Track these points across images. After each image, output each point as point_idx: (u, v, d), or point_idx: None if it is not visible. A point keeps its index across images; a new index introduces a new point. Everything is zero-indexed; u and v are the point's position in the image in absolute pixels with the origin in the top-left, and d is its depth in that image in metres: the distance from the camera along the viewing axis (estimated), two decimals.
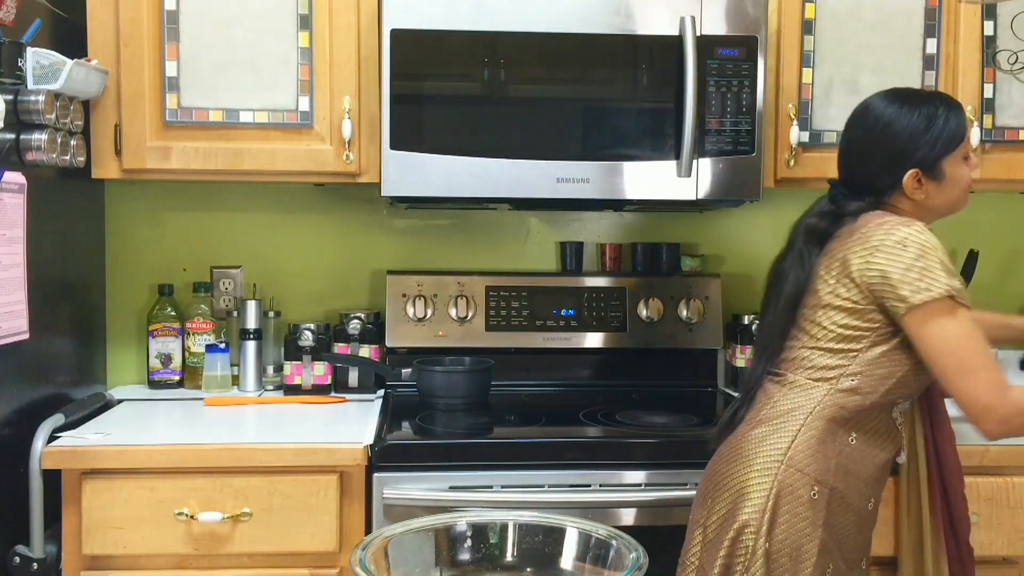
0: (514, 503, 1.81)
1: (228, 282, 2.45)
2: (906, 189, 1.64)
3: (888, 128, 1.66)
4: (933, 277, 1.51)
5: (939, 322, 1.52)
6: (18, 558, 1.77)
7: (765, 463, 1.60)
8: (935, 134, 1.64)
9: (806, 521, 1.57)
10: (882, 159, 1.66)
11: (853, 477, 1.61)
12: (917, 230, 1.55)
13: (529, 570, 1.20)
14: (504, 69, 2.04)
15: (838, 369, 1.60)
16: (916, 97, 1.69)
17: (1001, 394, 1.50)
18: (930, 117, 1.65)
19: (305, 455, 1.83)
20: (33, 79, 1.78)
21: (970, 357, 1.52)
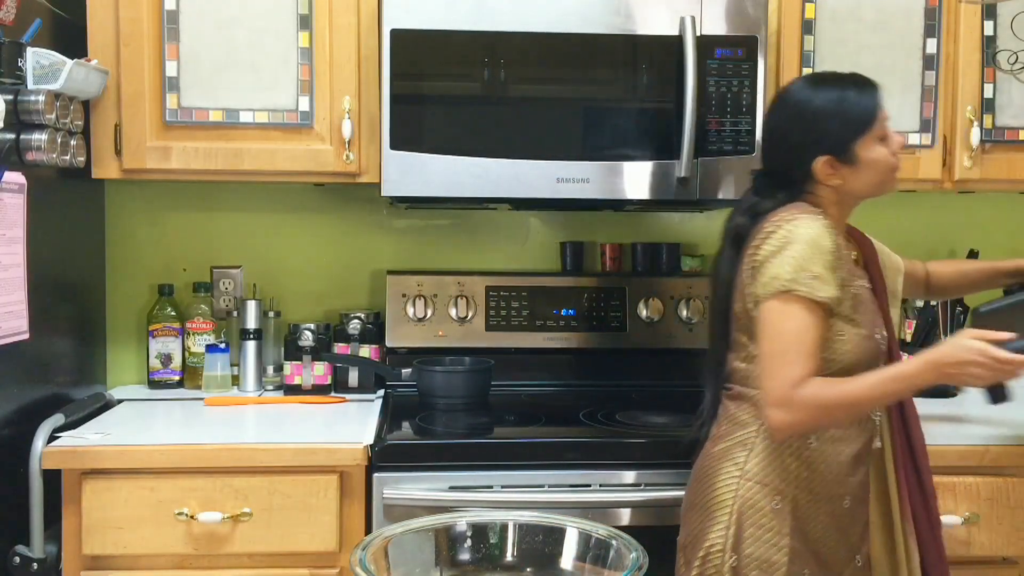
0: (514, 503, 1.81)
1: (228, 282, 2.45)
2: (819, 176, 1.61)
3: (798, 114, 1.64)
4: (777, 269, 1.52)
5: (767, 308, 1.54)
6: (18, 558, 1.77)
7: (725, 480, 1.60)
8: (843, 117, 1.61)
9: (772, 532, 1.56)
10: (794, 146, 1.64)
11: (819, 479, 1.59)
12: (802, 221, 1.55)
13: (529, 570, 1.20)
14: (504, 69, 2.04)
15: None
16: (828, 80, 1.67)
17: (790, 386, 1.50)
18: (838, 100, 1.62)
19: (305, 455, 1.83)
20: (33, 79, 1.78)
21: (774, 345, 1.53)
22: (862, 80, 1.65)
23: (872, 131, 1.61)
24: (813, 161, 1.61)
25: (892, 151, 1.64)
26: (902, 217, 2.59)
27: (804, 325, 1.52)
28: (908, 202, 2.56)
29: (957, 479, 1.89)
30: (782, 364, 1.52)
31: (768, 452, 1.59)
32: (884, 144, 1.63)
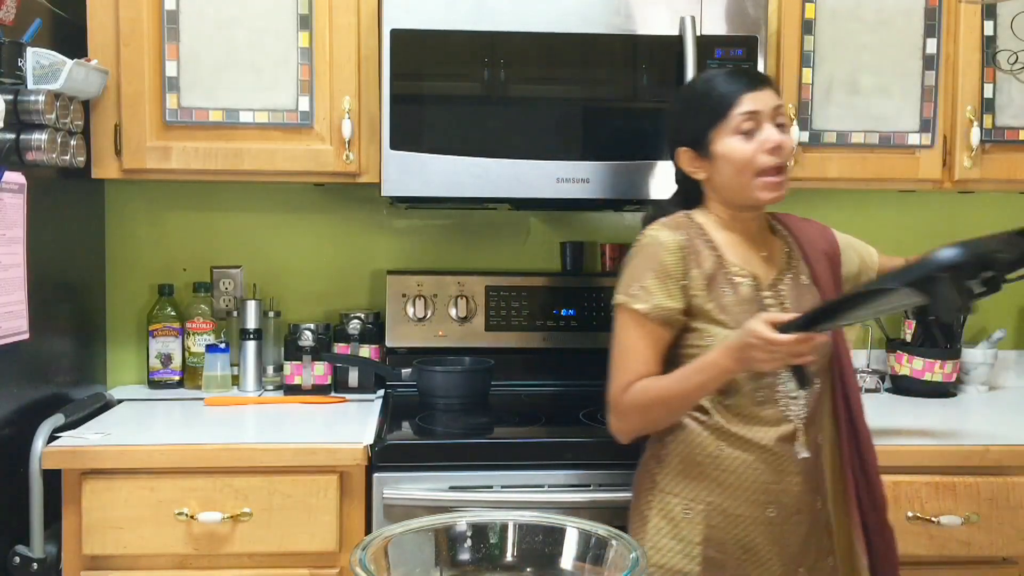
0: (514, 503, 1.81)
1: (228, 282, 2.45)
2: (684, 169, 1.65)
3: (671, 106, 1.70)
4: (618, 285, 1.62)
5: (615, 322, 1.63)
6: (18, 558, 1.77)
7: (644, 492, 1.64)
8: (699, 108, 1.61)
9: (684, 542, 1.57)
10: (667, 139, 1.69)
11: (732, 489, 1.57)
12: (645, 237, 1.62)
13: (529, 570, 1.20)
14: (504, 69, 2.04)
15: None
16: (706, 73, 1.69)
17: (617, 396, 1.60)
18: (700, 91, 1.63)
19: (305, 455, 1.83)
20: (33, 79, 1.78)
21: (613, 359, 1.62)
22: (736, 72, 1.64)
23: (726, 122, 1.57)
24: (676, 153, 1.65)
25: (762, 148, 1.57)
26: (902, 217, 2.59)
27: (632, 335, 1.60)
28: (908, 202, 2.56)
29: (957, 479, 1.89)
30: (615, 372, 1.61)
31: (678, 463, 1.60)
32: (746, 139, 1.57)
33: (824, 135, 2.18)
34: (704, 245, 1.61)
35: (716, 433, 1.58)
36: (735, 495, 1.57)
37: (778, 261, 1.68)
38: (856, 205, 2.57)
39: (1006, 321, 2.62)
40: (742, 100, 1.57)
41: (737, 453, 1.58)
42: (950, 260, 1.33)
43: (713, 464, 1.58)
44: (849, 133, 2.19)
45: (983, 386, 2.51)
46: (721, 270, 1.60)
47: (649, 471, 1.65)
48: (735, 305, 1.59)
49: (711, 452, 1.58)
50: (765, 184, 1.58)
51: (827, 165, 2.20)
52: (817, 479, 1.64)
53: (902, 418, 2.18)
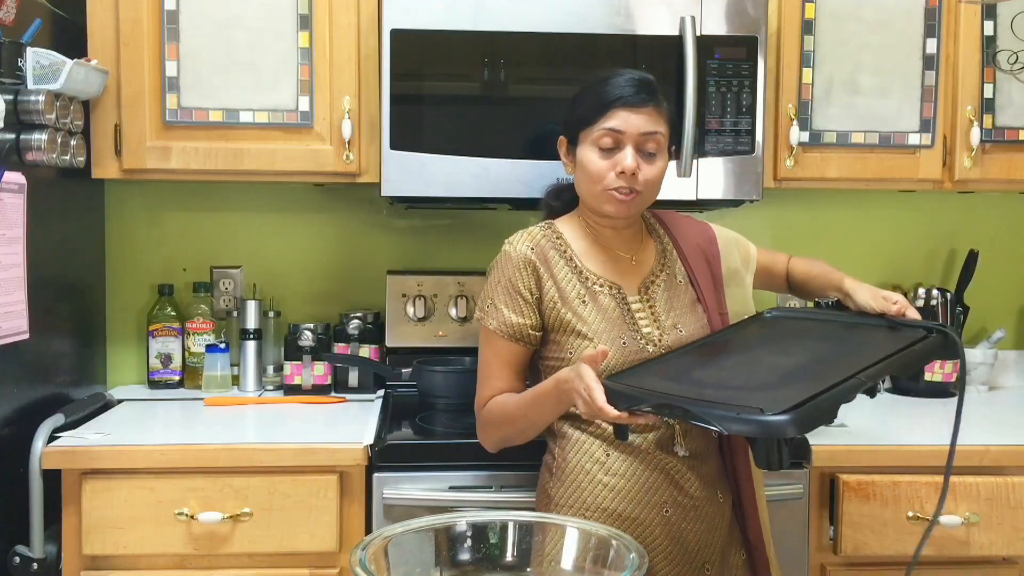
0: (514, 503, 1.81)
1: (228, 282, 2.45)
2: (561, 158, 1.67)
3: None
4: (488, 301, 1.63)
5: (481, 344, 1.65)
6: (18, 558, 1.77)
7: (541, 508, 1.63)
8: (580, 103, 1.60)
9: None
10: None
11: (625, 493, 1.56)
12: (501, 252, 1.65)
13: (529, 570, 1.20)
14: (504, 69, 2.04)
15: None
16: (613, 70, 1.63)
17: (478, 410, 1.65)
18: (589, 88, 1.60)
19: (305, 455, 1.83)
20: (33, 79, 1.79)
21: (478, 372, 1.66)
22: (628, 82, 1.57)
23: (591, 131, 1.57)
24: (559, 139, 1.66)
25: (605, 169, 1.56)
26: (902, 217, 2.59)
27: (488, 350, 1.63)
28: (908, 202, 2.56)
29: (957, 479, 1.89)
30: (478, 385, 1.65)
31: (563, 476, 1.59)
32: (603, 155, 1.56)
33: (824, 135, 2.18)
34: (560, 256, 1.62)
35: (600, 439, 1.58)
36: (628, 498, 1.56)
37: (649, 263, 1.67)
38: (856, 205, 2.57)
39: (1006, 321, 2.62)
40: (612, 115, 1.55)
41: (624, 456, 1.57)
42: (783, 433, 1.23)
43: (603, 470, 1.57)
44: (849, 133, 2.19)
45: (983, 386, 2.51)
46: (579, 281, 1.61)
47: (543, 485, 1.65)
48: (596, 315, 1.58)
49: (599, 458, 1.58)
50: (610, 197, 1.58)
51: (827, 165, 2.20)
52: (713, 474, 1.62)
53: (902, 418, 2.18)
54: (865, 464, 1.90)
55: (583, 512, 1.56)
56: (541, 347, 1.64)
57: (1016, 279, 2.64)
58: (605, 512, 1.55)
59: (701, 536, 1.59)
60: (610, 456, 1.57)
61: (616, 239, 1.67)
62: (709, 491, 1.61)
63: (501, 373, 1.62)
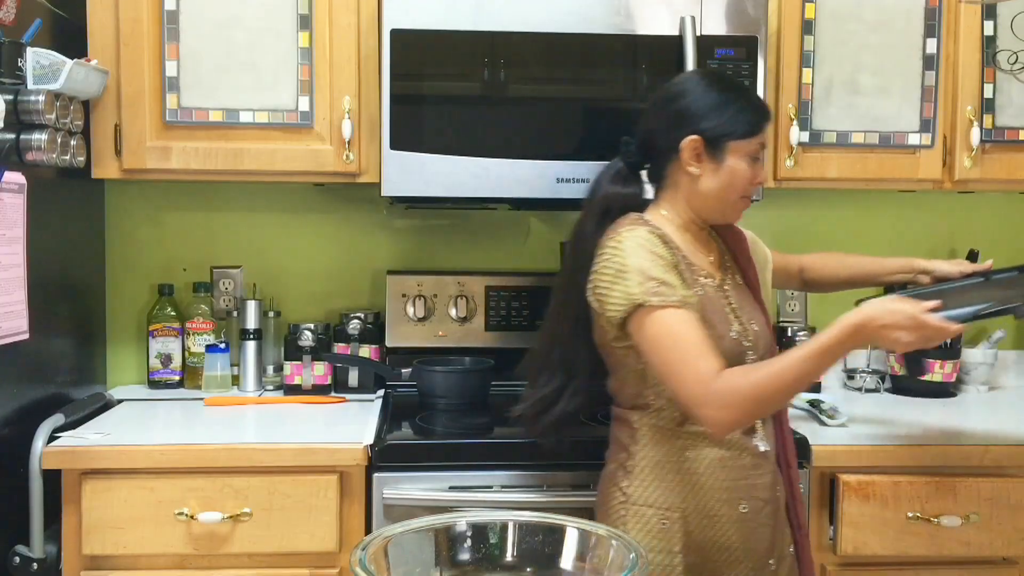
0: (514, 503, 1.81)
1: (228, 282, 2.45)
2: (683, 155, 1.58)
3: (701, 88, 1.61)
4: (623, 289, 1.50)
5: (640, 330, 1.50)
6: (18, 558, 1.77)
7: (613, 506, 1.61)
8: (733, 114, 1.59)
9: (663, 553, 1.55)
10: (677, 112, 1.60)
11: (705, 490, 1.56)
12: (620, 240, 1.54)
13: (529, 570, 1.20)
14: (504, 69, 2.04)
15: (639, 394, 1.59)
16: (728, 82, 1.68)
17: (705, 386, 1.44)
18: (737, 99, 1.61)
19: (305, 455, 1.83)
20: (33, 79, 1.79)
21: (668, 356, 1.48)
22: (763, 104, 1.67)
23: (748, 143, 1.59)
24: (685, 135, 1.58)
25: (753, 178, 1.61)
26: (902, 217, 2.59)
27: (678, 327, 1.48)
28: (908, 202, 2.56)
29: (957, 479, 1.90)
30: (682, 369, 1.46)
31: (648, 472, 1.58)
32: (751, 166, 1.60)
33: (824, 135, 2.18)
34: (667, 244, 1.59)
35: (682, 435, 1.57)
36: (709, 495, 1.56)
37: (718, 264, 1.69)
38: (856, 205, 2.57)
39: (1006, 321, 2.62)
40: (764, 130, 1.62)
41: (704, 452, 1.57)
42: None
43: (683, 467, 1.57)
44: (849, 133, 2.19)
45: (983, 386, 2.51)
46: (688, 269, 1.60)
47: (617, 484, 1.62)
48: (710, 305, 1.58)
49: (680, 455, 1.57)
50: (744, 204, 1.64)
51: (827, 165, 2.20)
52: (775, 470, 1.65)
53: (902, 418, 2.18)
54: (865, 464, 1.90)
55: (663, 511, 1.56)
56: None
57: None
58: (686, 511, 1.56)
59: (769, 532, 1.61)
60: (691, 453, 1.57)
61: (698, 241, 1.67)
62: (775, 487, 1.63)
63: (707, 345, 1.47)
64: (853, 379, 2.48)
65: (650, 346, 1.50)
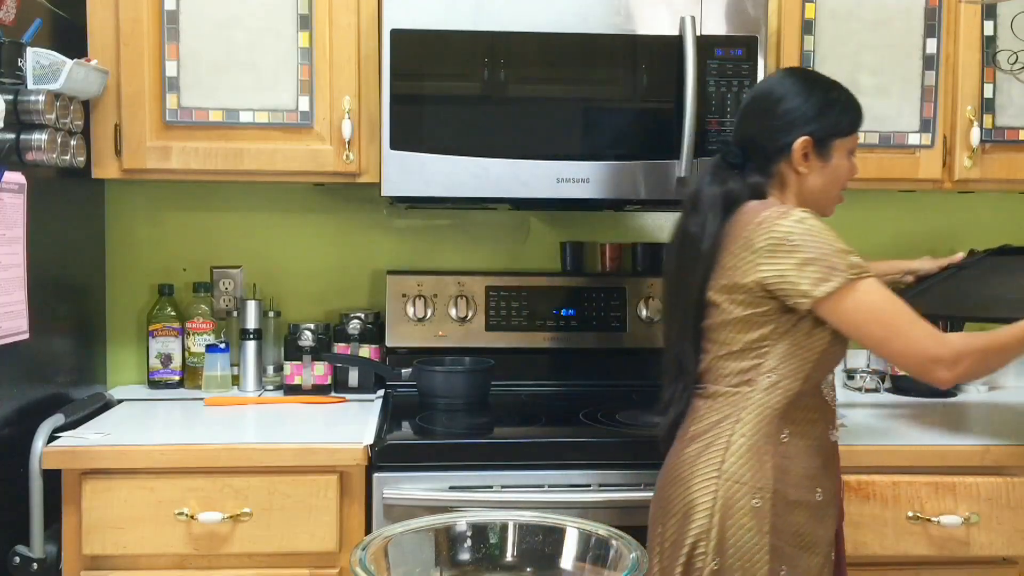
0: (514, 503, 1.81)
1: (228, 282, 2.45)
2: (794, 155, 1.63)
3: (807, 87, 1.66)
4: (830, 266, 1.52)
5: (849, 302, 1.53)
6: (18, 558, 1.77)
7: (703, 482, 1.60)
8: (835, 114, 1.65)
9: (752, 531, 1.56)
10: (774, 119, 1.65)
11: (792, 474, 1.59)
12: (797, 219, 1.55)
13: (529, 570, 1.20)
14: (504, 69, 2.04)
15: (754, 370, 1.60)
16: (824, 80, 1.71)
17: (939, 341, 1.54)
18: (834, 100, 1.66)
19: (305, 455, 1.83)
20: (33, 79, 1.78)
21: (893, 320, 1.54)
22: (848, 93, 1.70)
23: (851, 140, 1.67)
24: (795, 138, 1.62)
25: (851, 172, 1.70)
26: (902, 217, 2.59)
27: (887, 293, 1.55)
28: (908, 202, 2.56)
29: (957, 479, 1.90)
30: (909, 331, 1.54)
31: (746, 450, 1.58)
32: (849, 160, 1.69)
33: None
34: None
35: (785, 419, 1.59)
36: (793, 480, 1.59)
37: None
38: (856, 205, 2.56)
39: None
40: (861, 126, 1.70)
41: (798, 440, 1.60)
42: None
43: (778, 450, 1.59)
44: None
45: (983, 386, 2.51)
46: None
47: (708, 459, 1.61)
48: None
49: (776, 437, 1.59)
50: (840, 198, 1.73)
51: None
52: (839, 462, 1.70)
53: (902, 418, 2.18)
54: (865, 464, 1.90)
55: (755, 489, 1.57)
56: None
57: None
58: (775, 493, 1.57)
59: (833, 522, 1.66)
60: (787, 439, 1.60)
61: None
62: (838, 479, 1.69)
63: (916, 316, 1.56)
64: (853, 379, 2.48)
65: (868, 315, 1.54)
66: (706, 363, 1.66)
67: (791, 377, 1.58)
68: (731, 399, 1.61)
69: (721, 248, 1.61)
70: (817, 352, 1.59)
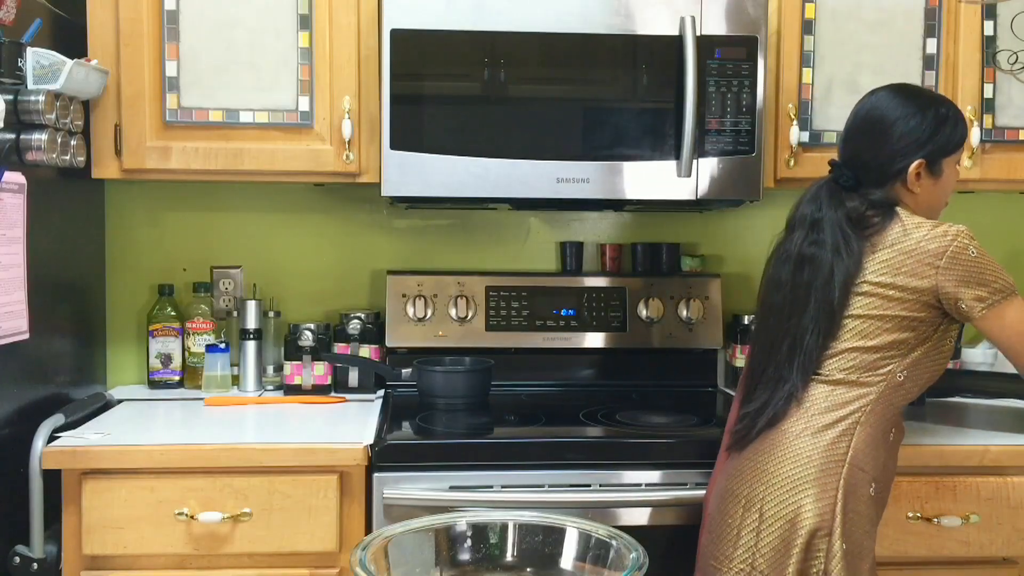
0: (514, 503, 1.81)
1: (228, 282, 2.45)
2: (908, 178, 1.69)
3: (919, 110, 1.70)
4: (1000, 278, 1.64)
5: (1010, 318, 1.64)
6: (18, 558, 1.77)
7: (827, 464, 1.61)
8: (947, 132, 1.70)
9: (866, 519, 1.62)
10: (898, 143, 1.69)
11: (889, 469, 1.68)
12: (966, 232, 1.65)
13: (529, 570, 1.20)
14: (504, 69, 2.04)
15: (889, 368, 1.64)
16: (930, 96, 1.75)
17: None
18: (944, 117, 1.71)
19: (305, 455, 1.83)
20: (33, 79, 1.78)
21: None
22: (954, 105, 1.75)
23: (957, 155, 1.73)
24: (911, 161, 1.68)
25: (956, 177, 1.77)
26: None
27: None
28: None
29: (957, 479, 1.90)
30: None
31: (869, 440, 1.63)
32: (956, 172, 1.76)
33: (824, 135, 2.18)
34: None
35: (896, 414, 1.68)
36: (890, 473, 1.70)
37: None
38: None
39: None
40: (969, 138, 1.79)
41: (895, 441, 1.70)
42: None
43: (887, 442, 1.67)
44: None
45: None
46: None
47: (836, 444, 1.62)
48: None
49: (888, 430, 1.67)
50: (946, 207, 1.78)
51: (827, 165, 2.19)
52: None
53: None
54: None
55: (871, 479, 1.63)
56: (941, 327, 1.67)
57: (1016, 279, 2.63)
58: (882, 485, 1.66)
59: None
60: (894, 431, 1.69)
61: None
62: None
63: None
64: None
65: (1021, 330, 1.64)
66: (838, 349, 1.66)
67: (913, 381, 1.66)
68: (862, 389, 1.64)
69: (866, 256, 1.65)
70: (941, 364, 1.68)
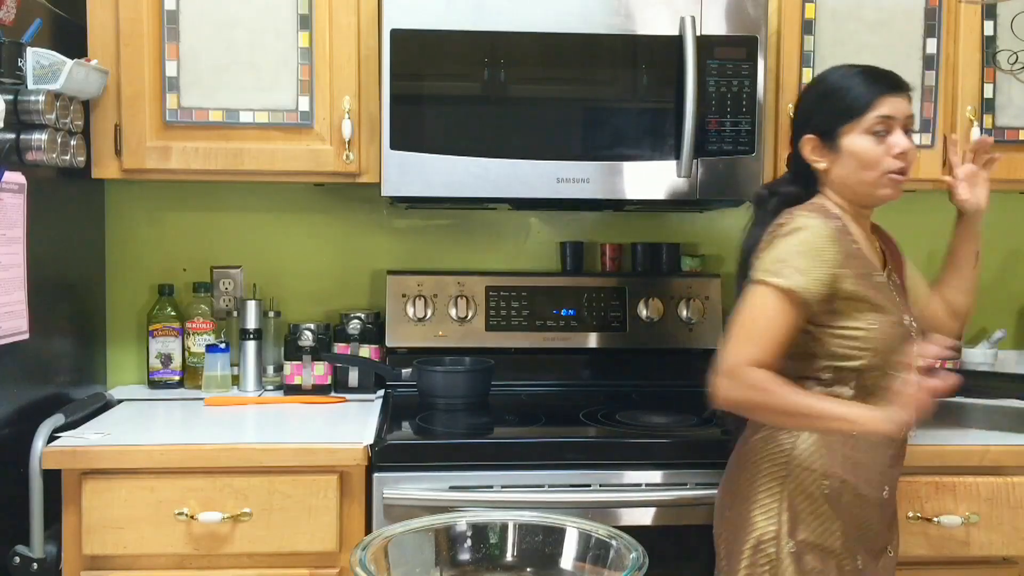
0: (514, 503, 1.81)
1: (228, 282, 2.45)
2: (805, 156, 1.67)
3: (806, 92, 1.73)
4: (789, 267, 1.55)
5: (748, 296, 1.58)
6: (18, 558, 1.77)
7: (771, 467, 1.61)
8: (837, 101, 1.64)
9: (823, 517, 1.59)
10: (794, 122, 1.72)
11: (863, 467, 1.61)
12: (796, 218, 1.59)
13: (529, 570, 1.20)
14: (504, 69, 2.04)
15: (808, 362, 1.61)
16: (850, 67, 1.70)
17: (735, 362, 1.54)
18: (839, 85, 1.66)
19: (305, 455, 1.83)
20: (33, 79, 1.79)
21: (740, 329, 1.56)
22: (878, 73, 1.67)
23: (860, 121, 1.62)
24: (801, 139, 1.67)
25: (888, 152, 1.63)
26: (902, 217, 2.58)
27: (769, 311, 1.55)
28: (908, 202, 2.55)
29: (957, 479, 1.90)
30: (744, 341, 1.55)
31: (816, 437, 1.60)
32: (876, 141, 1.63)
33: None
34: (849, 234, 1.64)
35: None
36: (864, 474, 1.61)
37: (883, 260, 1.74)
38: None
39: (1006, 321, 2.62)
40: (881, 103, 1.63)
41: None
42: None
43: (851, 441, 1.60)
44: None
45: None
46: (864, 260, 1.64)
47: (778, 443, 1.62)
48: (887, 293, 1.64)
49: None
50: (889, 180, 1.64)
51: None
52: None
53: None
54: None
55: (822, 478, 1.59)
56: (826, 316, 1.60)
57: (1016, 279, 2.64)
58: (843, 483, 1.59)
59: (893, 517, 1.71)
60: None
61: (862, 232, 1.70)
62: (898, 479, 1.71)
63: (775, 337, 1.55)
64: None
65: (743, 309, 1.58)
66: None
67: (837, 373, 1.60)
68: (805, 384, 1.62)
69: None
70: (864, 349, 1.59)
